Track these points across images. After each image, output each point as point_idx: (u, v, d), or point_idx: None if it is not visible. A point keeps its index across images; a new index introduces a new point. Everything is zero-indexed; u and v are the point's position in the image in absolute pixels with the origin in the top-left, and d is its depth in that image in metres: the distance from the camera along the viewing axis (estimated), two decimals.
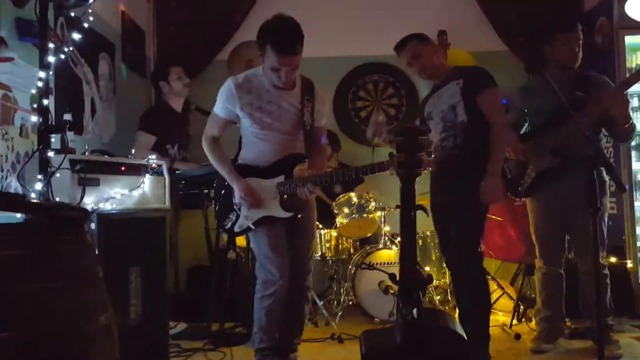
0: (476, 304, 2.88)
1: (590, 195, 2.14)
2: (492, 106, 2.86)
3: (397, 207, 1.85)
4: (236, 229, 2.79)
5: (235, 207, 2.77)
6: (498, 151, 2.83)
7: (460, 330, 1.87)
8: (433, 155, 2.93)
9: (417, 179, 1.81)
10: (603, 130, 3.22)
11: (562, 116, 2.97)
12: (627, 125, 3.08)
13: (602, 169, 2.64)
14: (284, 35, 2.49)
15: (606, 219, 3.21)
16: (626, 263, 3.98)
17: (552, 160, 3.09)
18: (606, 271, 3.13)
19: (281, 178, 2.67)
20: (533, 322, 3.48)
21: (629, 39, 4.26)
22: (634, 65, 4.31)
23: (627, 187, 3.78)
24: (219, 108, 2.74)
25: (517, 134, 3.28)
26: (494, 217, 4.32)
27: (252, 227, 2.72)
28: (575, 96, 2.79)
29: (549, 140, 3.10)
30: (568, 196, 3.07)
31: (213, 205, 2.97)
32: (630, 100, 4.25)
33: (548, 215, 3.21)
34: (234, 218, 2.78)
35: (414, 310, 1.73)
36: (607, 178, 3.11)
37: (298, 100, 2.70)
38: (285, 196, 2.66)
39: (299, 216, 2.71)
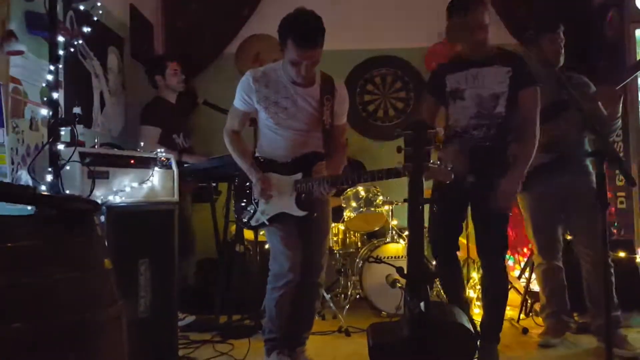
0: (503, 300, 2.88)
1: (599, 190, 2.13)
2: (534, 107, 2.74)
3: (405, 201, 1.85)
4: (253, 223, 2.81)
5: (253, 201, 2.78)
6: (528, 154, 2.72)
7: (467, 323, 1.87)
8: (453, 141, 2.78)
9: None
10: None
11: (555, 112, 2.98)
12: (613, 123, 3.08)
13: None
14: (304, 28, 2.48)
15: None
16: (635, 257, 3.96)
17: (545, 155, 3.08)
18: (611, 264, 3.13)
19: (299, 176, 2.67)
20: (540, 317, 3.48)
21: (639, 32, 4.23)
22: None
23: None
24: (238, 101, 2.74)
25: None
26: None
27: (267, 222, 2.73)
28: (566, 94, 2.77)
29: (542, 136, 3.09)
30: (564, 190, 3.09)
31: (234, 199, 2.99)
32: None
33: (544, 210, 3.21)
34: (252, 212, 2.80)
35: (422, 304, 1.73)
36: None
37: (316, 99, 2.66)
38: (302, 195, 2.66)
39: (315, 215, 2.72)
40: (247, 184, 2.81)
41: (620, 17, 4.29)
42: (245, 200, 2.84)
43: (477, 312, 3.94)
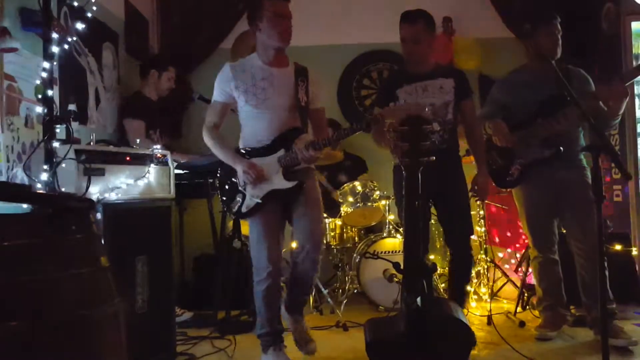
0: (468, 278, 3.35)
1: (595, 183, 2.13)
2: (474, 112, 3.18)
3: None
4: (244, 209, 2.81)
5: (240, 188, 2.81)
6: (483, 152, 3.19)
7: (463, 318, 1.88)
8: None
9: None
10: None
11: (554, 107, 2.99)
12: (613, 120, 3.09)
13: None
14: None
15: None
16: (631, 250, 3.97)
17: (542, 150, 3.09)
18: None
19: (281, 152, 2.73)
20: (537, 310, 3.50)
21: (636, 25, 4.24)
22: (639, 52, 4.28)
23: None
24: (217, 94, 2.83)
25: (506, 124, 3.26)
26: (500, 205, 4.33)
27: (260, 201, 2.76)
28: (565, 89, 2.76)
29: (540, 131, 3.10)
30: (558, 184, 3.12)
31: (219, 194, 3.01)
32: (636, 87, 4.27)
33: (539, 204, 3.22)
34: (241, 200, 2.82)
35: (418, 299, 1.73)
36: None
37: (291, 78, 2.77)
38: (288, 168, 2.73)
39: (304, 186, 2.77)
40: (231, 176, 2.84)
41: (616, 10, 4.28)
42: (231, 192, 2.86)
43: (473, 306, 3.96)
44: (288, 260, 3.16)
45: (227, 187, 2.90)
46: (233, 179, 2.85)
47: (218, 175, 3.01)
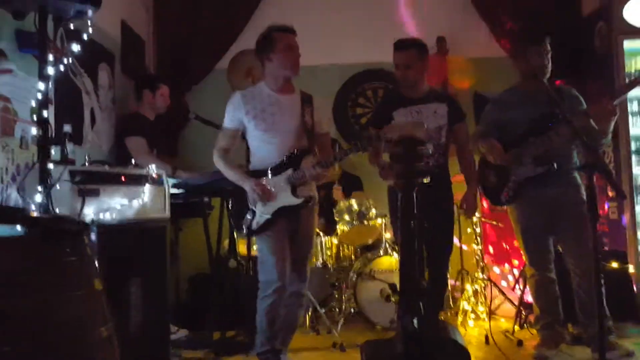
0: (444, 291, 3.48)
1: (590, 202, 2.13)
2: (467, 137, 3.32)
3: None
4: (254, 226, 2.89)
5: (250, 206, 2.89)
6: (474, 174, 3.33)
7: (461, 340, 1.86)
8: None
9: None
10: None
11: (545, 125, 3.01)
12: (603, 139, 3.11)
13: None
14: (280, 24, 2.90)
15: None
16: (628, 268, 3.97)
17: (535, 168, 3.10)
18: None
19: (290, 171, 2.84)
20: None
21: (628, 44, 4.26)
22: (632, 70, 4.31)
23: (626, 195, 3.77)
24: (228, 120, 2.95)
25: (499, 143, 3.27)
26: (495, 222, 4.33)
27: (270, 217, 2.85)
28: (555, 108, 2.79)
29: (532, 149, 3.12)
30: (554, 202, 3.13)
31: (228, 213, 3.26)
32: (630, 104, 4.30)
33: (534, 222, 3.22)
34: (251, 217, 2.90)
35: (415, 320, 1.72)
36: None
37: (298, 104, 2.93)
38: (296, 186, 2.85)
39: (309, 204, 2.90)
40: (240, 196, 2.93)
41: (609, 29, 4.33)
42: (243, 210, 2.93)
43: (470, 325, 3.94)
44: None
45: (236, 208, 3.02)
46: (242, 200, 2.94)
47: (229, 195, 3.17)
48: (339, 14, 5.03)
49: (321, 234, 4.14)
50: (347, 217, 4.08)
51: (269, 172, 2.87)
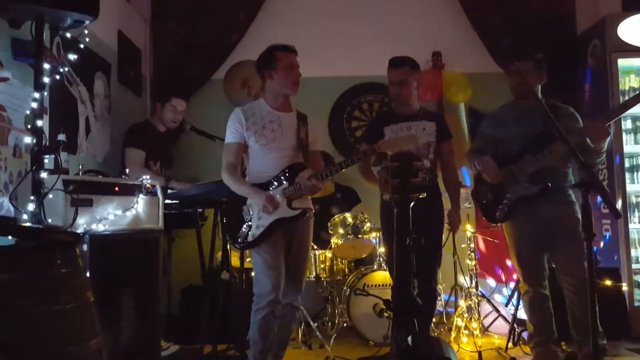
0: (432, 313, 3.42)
1: (585, 220, 2.13)
2: (452, 155, 3.41)
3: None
4: (250, 239, 2.89)
5: (246, 220, 2.91)
6: (458, 191, 3.43)
7: (454, 357, 1.85)
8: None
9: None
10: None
11: (541, 143, 3.02)
12: (598, 158, 3.12)
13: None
14: (282, 43, 2.99)
15: None
16: (621, 286, 3.97)
17: (531, 186, 3.10)
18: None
19: (285, 184, 2.88)
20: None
21: (622, 62, 4.30)
22: (627, 88, 4.35)
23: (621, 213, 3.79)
24: (230, 135, 2.97)
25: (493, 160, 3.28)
26: (490, 239, 4.33)
27: (265, 229, 2.87)
28: (552, 125, 2.79)
29: (527, 167, 3.12)
30: (548, 219, 3.12)
31: (226, 227, 3.25)
32: (623, 122, 4.33)
33: (528, 239, 3.21)
34: (247, 230, 2.90)
35: (409, 338, 1.71)
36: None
37: (295, 122, 3.00)
38: (292, 199, 2.88)
39: (305, 215, 2.94)
40: (234, 209, 2.95)
41: (603, 47, 4.36)
42: (238, 223, 2.94)
43: (464, 341, 3.91)
44: None
45: (231, 219, 3.01)
46: (237, 213, 2.94)
47: (224, 208, 3.19)
48: (336, 26, 5.06)
49: (315, 247, 4.11)
50: (341, 231, 4.06)
51: (272, 184, 2.91)
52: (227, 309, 3.80)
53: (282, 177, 2.90)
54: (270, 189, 2.89)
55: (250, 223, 2.90)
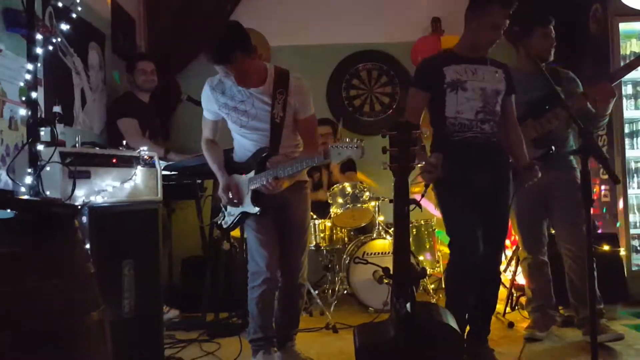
0: (494, 302, 2.95)
1: (584, 187, 2.13)
2: (514, 110, 2.90)
3: (391, 201, 1.84)
4: (224, 225, 2.87)
5: (221, 204, 2.85)
6: (524, 148, 2.88)
7: (453, 323, 1.87)
8: (467, 134, 2.73)
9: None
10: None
11: (544, 108, 2.99)
12: (601, 120, 3.10)
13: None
14: (214, 47, 2.47)
15: None
16: (619, 251, 3.99)
17: (534, 151, 3.08)
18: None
19: (252, 174, 2.68)
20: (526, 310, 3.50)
21: (623, 26, 4.24)
22: (628, 53, 4.30)
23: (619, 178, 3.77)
24: (205, 111, 2.81)
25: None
26: None
27: (235, 219, 2.79)
28: (554, 89, 2.75)
29: (531, 131, 3.10)
30: (548, 185, 3.11)
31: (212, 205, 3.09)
32: (624, 87, 4.29)
33: (528, 205, 3.21)
34: (223, 215, 2.87)
35: (408, 305, 1.72)
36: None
37: (269, 94, 2.64)
38: (256, 192, 2.66)
39: (292, 212, 2.76)
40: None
41: (604, 11, 4.30)
42: (218, 204, 2.90)
43: None
44: None
45: (215, 199, 2.98)
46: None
47: (213, 184, 3.08)
48: None
49: (314, 216, 4.13)
50: (340, 200, 4.07)
51: (238, 168, 2.74)
52: (228, 279, 3.84)
53: (249, 164, 2.70)
54: (239, 173, 2.73)
55: (225, 208, 2.83)
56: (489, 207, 2.74)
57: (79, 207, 2.37)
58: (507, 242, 4.22)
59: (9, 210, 1.70)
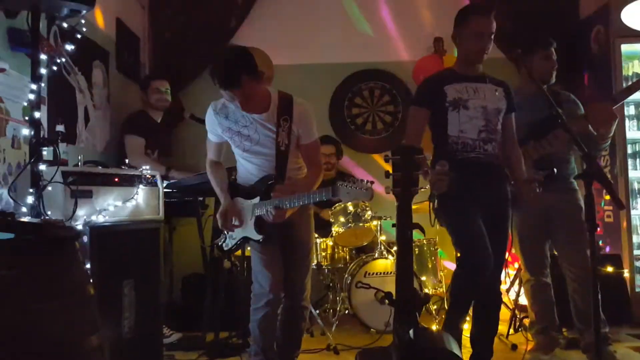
0: (496, 323, 2.92)
1: (588, 211, 2.12)
2: (514, 128, 2.89)
3: (394, 225, 1.82)
4: (224, 247, 2.86)
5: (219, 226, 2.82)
6: (523, 165, 2.87)
7: (456, 350, 1.85)
8: (471, 155, 2.72)
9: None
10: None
11: (547, 129, 2.99)
12: (603, 144, 3.10)
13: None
14: (219, 72, 2.45)
15: None
16: (623, 272, 3.97)
17: (536, 172, 3.05)
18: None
19: (257, 200, 2.66)
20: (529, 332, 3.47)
21: (625, 47, 4.26)
22: (630, 74, 4.31)
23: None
24: (209, 134, 2.79)
25: None
26: None
27: (236, 243, 2.79)
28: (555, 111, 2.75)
29: (532, 153, 3.10)
30: (551, 207, 3.10)
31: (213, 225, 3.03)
32: (626, 108, 4.29)
33: (531, 227, 3.20)
34: (224, 238, 2.86)
35: (411, 331, 1.70)
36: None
37: (274, 122, 2.63)
38: (260, 219, 2.64)
39: (296, 233, 2.74)
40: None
41: (606, 33, 4.31)
42: (218, 226, 2.84)
43: (465, 327, 3.91)
44: None
45: (216, 221, 2.83)
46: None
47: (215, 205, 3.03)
48: (337, 12, 5.01)
49: (316, 235, 4.11)
50: (342, 219, 4.05)
51: (243, 193, 2.73)
52: (229, 297, 3.81)
53: (255, 190, 2.67)
54: (245, 198, 2.71)
55: (226, 232, 2.82)
56: (489, 226, 2.73)
57: (80, 229, 2.36)
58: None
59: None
